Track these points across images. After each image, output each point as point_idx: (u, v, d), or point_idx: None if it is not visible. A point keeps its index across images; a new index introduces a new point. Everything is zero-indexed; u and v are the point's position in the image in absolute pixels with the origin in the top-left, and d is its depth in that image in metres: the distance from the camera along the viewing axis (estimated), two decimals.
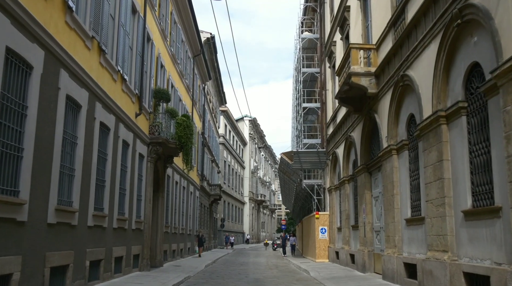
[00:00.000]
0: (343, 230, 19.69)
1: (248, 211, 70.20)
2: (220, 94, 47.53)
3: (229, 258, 29.37)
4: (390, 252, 12.72)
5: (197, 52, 28.91)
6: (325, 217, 23.65)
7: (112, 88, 12.70)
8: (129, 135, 14.68)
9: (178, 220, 24.37)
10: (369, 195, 15.97)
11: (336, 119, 21.38)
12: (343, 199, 19.91)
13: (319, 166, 23.92)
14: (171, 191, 22.51)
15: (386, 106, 13.20)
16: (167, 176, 21.40)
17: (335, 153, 21.50)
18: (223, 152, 53.73)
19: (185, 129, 18.47)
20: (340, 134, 20.37)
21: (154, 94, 17.89)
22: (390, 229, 12.83)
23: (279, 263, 24.33)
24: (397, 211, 12.47)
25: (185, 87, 25.83)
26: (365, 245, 15.89)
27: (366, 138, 16.03)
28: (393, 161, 12.74)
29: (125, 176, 14.38)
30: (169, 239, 21.98)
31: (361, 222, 16.49)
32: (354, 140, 17.51)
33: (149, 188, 17.39)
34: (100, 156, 11.89)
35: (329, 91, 23.49)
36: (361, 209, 16.58)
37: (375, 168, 15.28)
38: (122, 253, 13.95)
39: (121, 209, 13.95)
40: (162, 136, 17.51)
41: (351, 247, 18.63)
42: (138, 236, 16.10)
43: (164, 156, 19.60)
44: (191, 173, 28.46)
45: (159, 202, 19.61)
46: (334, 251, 21.82)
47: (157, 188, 19.62)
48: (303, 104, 24.89)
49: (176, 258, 23.78)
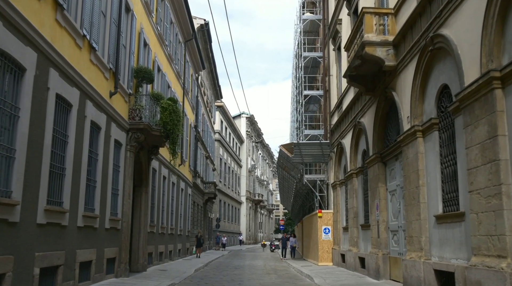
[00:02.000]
0: (351, 230, 17.43)
1: (245, 211, 67.93)
2: (215, 87, 45.20)
3: (223, 260, 27.04)
4: (414, 256, 10.45)
5: (188, 37, 26.61)
6: (328, 216, 21.38)
7: (75, 55, 10.40)
8: (101, 116, 12.39)
9: (166, 219, 22.05)
10: (384, 189, 13.72)
11: (341, 106, 19.13)
12: (350, 195, 17.65)
13: (322, 159, 21.66)
14: (158, 186, 20.21)
15: (408, 80, 10.95)
16: (153, 169, 19.09)
17: (340, 144, 19.24)
18: (219, 149, 51.44)
19: (171, 115, 16.14)
20: (346, 122, 18.12)
21: (135, 73, 15.60)
22: (413, 228, 10.58)
23: (278, 267, 22.04)
24: (423, 206, 10.21)
25: (175, 74, 23.53)
26: (379, 247, 13.64)
27: (380, 123, 13.78)
28: (417, 146, 10.48)
29: (95, 165, 12.09)
30: (155, 240, 19.67)
31: (373, 220, 14.24)
32: (365, 126, 15.26)
33: (129, 182, 15.09)
34: (57, 137, 9.58)
35: (333, 76, 21.25)
36: (373, 205, 14.32)
37: (392, 157, 13.04)
38: (91, 257, 11.65)
39: (90, 204, 11.65)
40: (144, 121, 15.20)
41: (360, 249, 16.37)
42: (114, 236, 13.80)
43: (148, 146, 17.30)
44: (182, 168, 26.13)
45: (142, 198, 17.30)
46: (339, 253, 19.55)
47: (140, 182, 17.30)
48: (304, 91, 22.52)
49: (164, 261, 21.46)
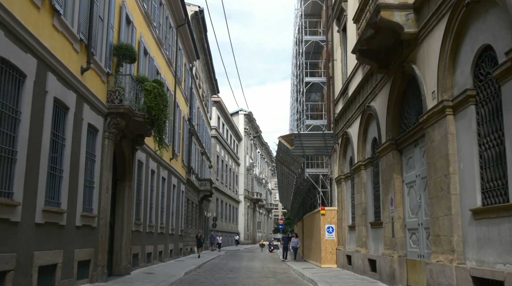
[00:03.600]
0: (358, 229, 15.60)
1: (243, 210, 66.04)
2: (211, 81, 43.33)
3: (219, 261, 25.19)
4: (442, 259, 8.63)
5: (181, 22, 24.74)
6: (332, 214, 19.54)
7: (29, 15, 8.55)
8: (69, 95, 10.54)
9: (155, 217, 20.20)
10: (399, 181, 11.89)
11: (347, 92, 17.30)
12: (357, 190, 15.83)
13: (325, 152, 19.82)
14: (146, 181, 18.36)
15: (434, 47, 9.12)
16: (139, 161, 17.25)
17: (346, 134, 17.41)
18: (216, 146, 49.58)
19: (157, 98, 14.29)
20: (353, 109, 16.29)
21: (115, 51, 13.75)
22: (440, 225, 8.75)
23: (277, 269, 20.20)
24: (454, 199, 8.38)
25: (166, 60, 21.68)
26: (394, 248, 11.81)
27: (395, 105, 11.95)
28: (446, 125, 8.65)
29: (61, 152, 10.25)
30: (141, 240, 17.83)
31: (387, 217, 12.42)
32: (375, 111, 13.43)
33: (107, 173, 13.24)
34: (3, 112, 7.74)
35: (337, 61, 19.42)
36: (386, 200, 12.50)
37: (409, 143, 11.21)
38: (55, 260, 9.81)
39: (53, 196, 9.81)
40: (125, 104, 13.36)
41: (369, 250, 14.54)
42: (88, 235, 11.96)
43: (132, 135, 15.44)
44: (174, 163, 24.28)
45: (126, 193, 15.45)
46: (344, 254, 17.72)
47: (122, 175, 15.47)
48: (305, 78, 20.65)
49: (152, 263, 19.62)
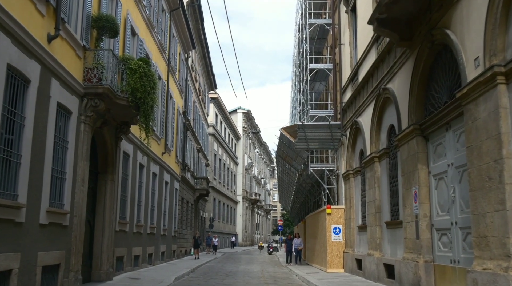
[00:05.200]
0: (371, 229, 13.80)
1: (241, 211, 64.15)
2: (209, 76, 41.51)
3: (215, 265, 23.34)
4: (491, 266, 6.82)
5: (174, 5, 22.94)
6: (339, 213, 17.72)
7: None
8: (30, 64, 8.72)
9: (145, 216, 18.38)
10: (425, 173, 10.09)
11: (357, 77, 15.51)
12: (369, 186, 14.02)
13: (331, 145, 18.01)
14: (133, 175, 16.53)
15: (479, 2, 7.34)
16: (124, 153, 15.43)
17: (355, 123, 15.61)
18: (213, 144, 47.75)
19: (143, 79, 12.46)
20: (365, 94, 14.50)
21: (93, 22, 11.94)
22: (490, 224, 6.94)
23: (278, 274, 18.37)
24: (510, 190, 6.57)
25: (157, 45, 19.87)
26: (418, 251, 10.00)
27: (420, 83, 10.15)
28: (497, 97, 6.84)
29: (19, 133, 8.41)
30: (127, 241, 16.00)
31: (408, 216, 10.60)
32: (394, 93, 11.64)
33: (83, 164, 11.41)
34: None
35: (345, 45, 17.63)
36: (407, 196, 10.69)
37: (440, 127, 9.41)
38: (7, 265, 7.97)
39: (6, 187, 7.96)
40: (104, 83, 11.53)
41: (385, 254, 12.74)
42: (58, 236, 10.13)
43: (116, 122, 13.65)
44: (167, 158, 22.46)
45: (107, 188, 13.63)
46: (353, 258, 15.91)
47: (104, 167, 13.67)
48: (310, 65, 18.85)
49: (141, 267, 17.77)
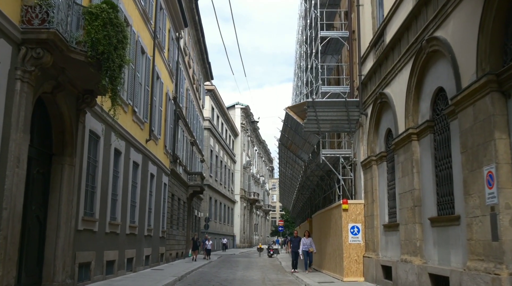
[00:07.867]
0: (406, 228, 10.67)
1: (239, 211, 60.99)
2: (204, 64, 38.36)
3: (208, 270, 20.17)
4: None
5: None
6: (357, 209, 14.58)
7: None
8: None
9: (122, 213, 15.21)
10: (505, 144, 6.96)
11: (383, 38, 12.39)
12: (404, 172, 10.89)
13: (347, 127, 14.87)
14: (104, 162, 13.36)
15: None
16: (91, 132, 12.27)
17: (382, 96, 12.48)
18: (209, 139, 44.59)
19: (107, 28, 9.30)
20: (395, 57, 11.38)
21: None
22: None
23: (283, 283, 15.18)
24: None
25: (139, 9, 16.70)
26: (498, 259, 6.84)
27: (496, 17, 7.02)
28: None
29: None
30: (96, 243, 12.83)
31: (473, 208, 7.47)
32: (447, 42, 8.49)
33: (19, 136, 8.24)
34: None
35: (364, 5, 14.53)
36: (472, 180, 7.54)
37: None
38: None
39: None
40: (50, 26, 8.37)
41: (428, 261, 9.60)
42: None
43: (76, 90, 10.53)
44: (152, 146, 19.32)
45: (64, 175, 10.50)
46: (377, 264, 12.78)
47: (60, 148, 10.56)
48: (321, 32, 15.70)
49: (116, 274, 14.60)
